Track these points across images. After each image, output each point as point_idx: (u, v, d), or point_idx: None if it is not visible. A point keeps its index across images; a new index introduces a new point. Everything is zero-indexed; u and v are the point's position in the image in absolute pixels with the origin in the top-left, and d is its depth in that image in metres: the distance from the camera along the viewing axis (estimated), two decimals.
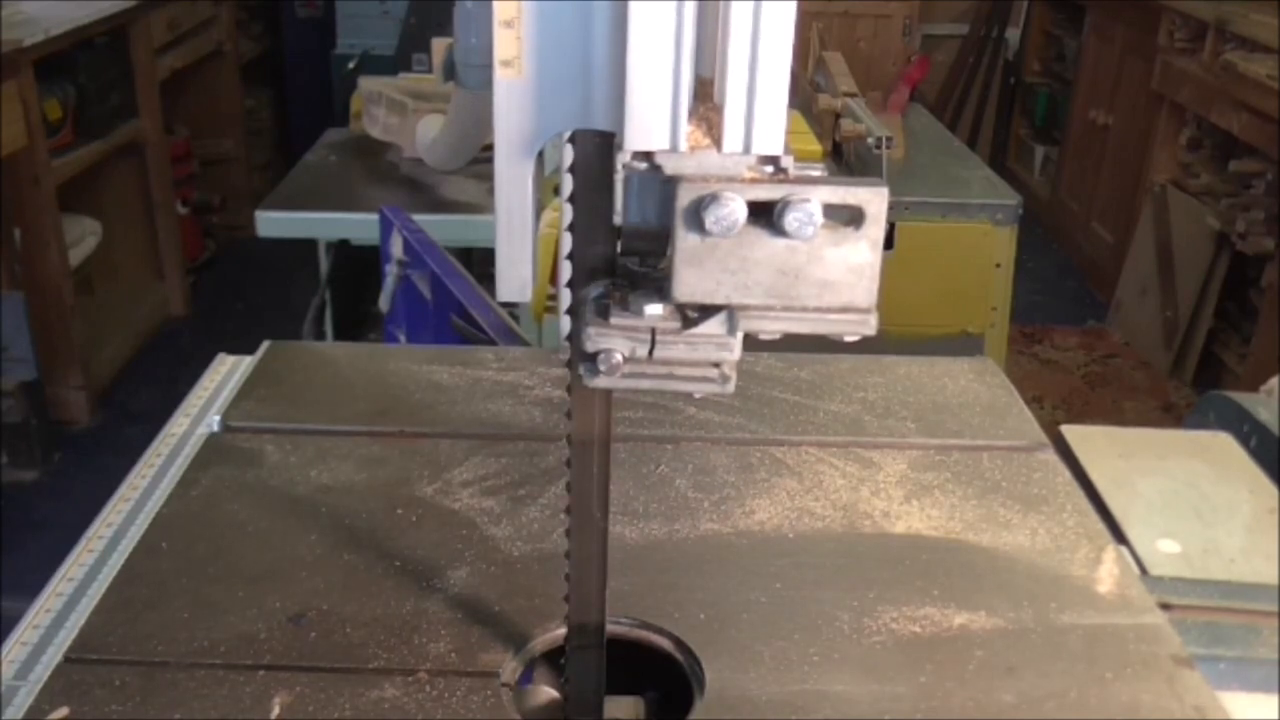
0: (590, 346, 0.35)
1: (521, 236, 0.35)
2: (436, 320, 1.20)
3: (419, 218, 1.20)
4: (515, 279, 0.36)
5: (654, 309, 0.35)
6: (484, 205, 1.34)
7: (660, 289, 0.35)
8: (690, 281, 0.32)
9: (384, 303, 1.19)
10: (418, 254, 1.14)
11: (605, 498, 0.41)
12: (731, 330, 0.35)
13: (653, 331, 0.35)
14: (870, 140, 1.29)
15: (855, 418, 0.65)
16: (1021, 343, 2.03)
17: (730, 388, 0.36)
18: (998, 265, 1.31)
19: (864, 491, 0.54)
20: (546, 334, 1.25)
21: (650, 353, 0.36)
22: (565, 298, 0.36)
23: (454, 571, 0.45)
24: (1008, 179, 1.45)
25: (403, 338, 1.21)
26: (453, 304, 1.09)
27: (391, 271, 1.20)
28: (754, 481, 0.57)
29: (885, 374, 0.71)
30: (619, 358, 0.36)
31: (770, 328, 0.34)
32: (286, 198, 1.30)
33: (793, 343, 0.44)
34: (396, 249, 1.18)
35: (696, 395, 0.44)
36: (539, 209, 0.35)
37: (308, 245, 1.39)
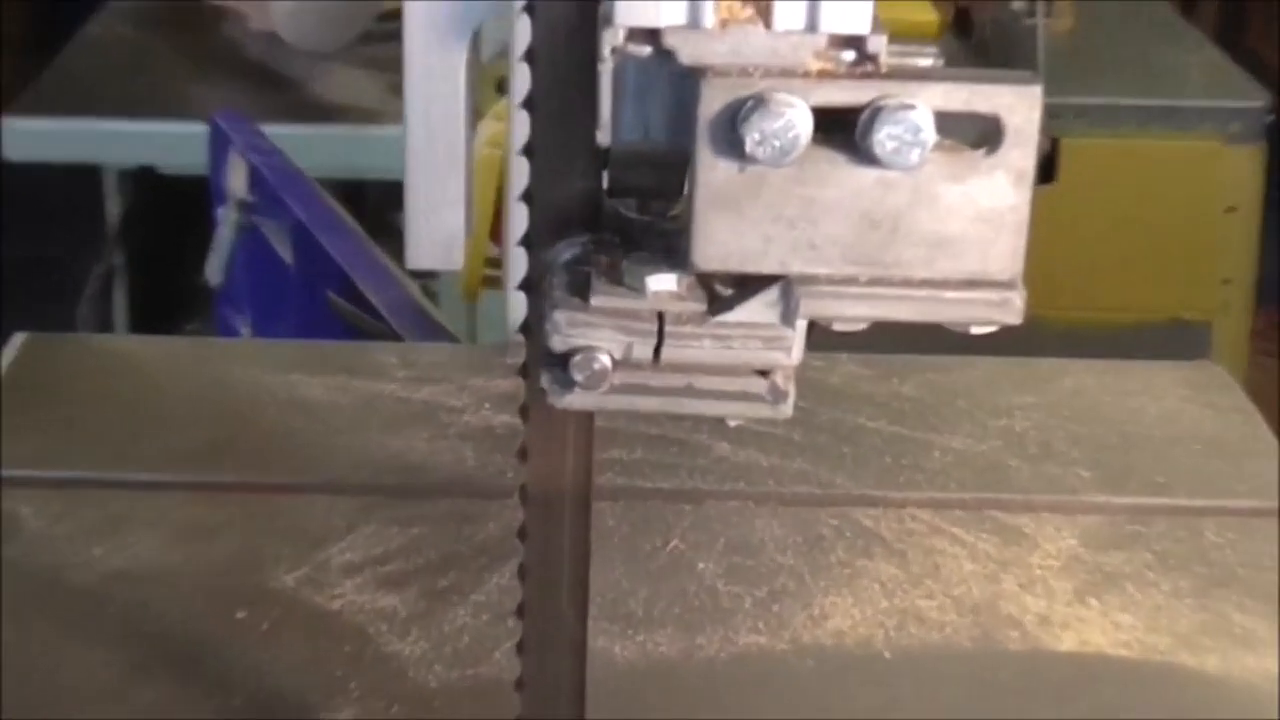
0: (560, 343, 0.36)
1: (447, 165, 0.36)
2: (303, 299, 1.21)
3: (274, 131, 1.20)
4: (435, 233, 0.37)
5: (663, 282, 0.36)
6: (382, 111, 1.33)
7: (672, 250, 0.36)
8: (721, 238, 0.34)
9: (214, 270, 1.20)
10: (272, 191, 1.13)
11: (584, 592, 0.41)
12: (788, 318, 0.36)
13: (660, 319, 0.36)
14: (1017, 4, 1.24)
15: (993, 461, 0.66)
16: (1273, 337, 1.88)
17: (786, 410, 0.37)
18: (1231, 209, 1.21)
19: (1008, 583, 0.55)
20: (485, 323, 1.27)
21: (657, 354, 0.36)
22: (518, 264, 0.37)
23: (332, 716, 0.46)
24: (1250, 66, 1.33)
25: (246, 329, 1.22)
26: (330, 273, 1.10)
27: (227, 219, 1.20)
28: (826, 566, 0.58)
29: (1042, 389, 0.71)
30: (605, 361, 0.36)
31: (851, 312, 0.35)
32: (52, 98, 1.25)
33: (888, 338, 0.45)
34: (236, 182, 1.18)
35: (732, 423, 0.44)
36: (474, 118, 0.35)
37: (87, 176, 1.35)
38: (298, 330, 1.21)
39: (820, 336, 0.40)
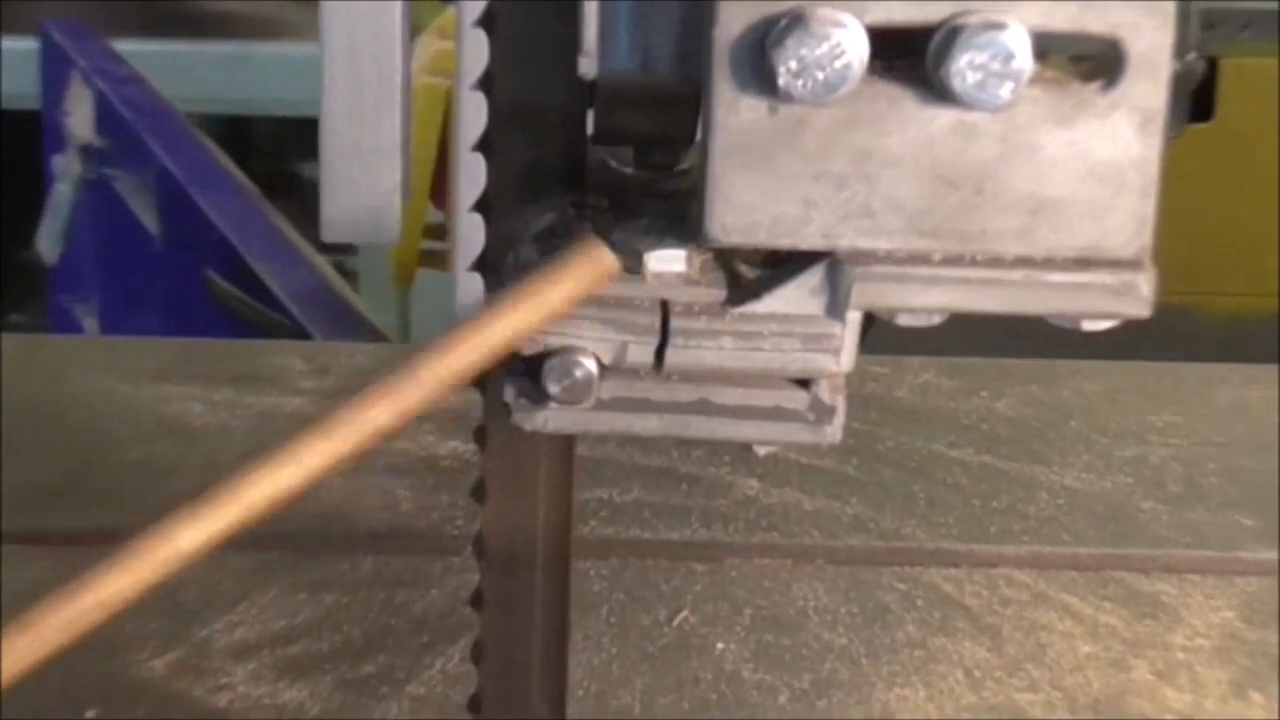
0: (529, 343, 0.37)
1: (376, 99, 0.37)
2: (172, 280, 1.21)
3: (131, 49, 1.23)
4: (359, 194, 0.38)
5: (667, 261, 0.37)
6: (282, 22, 1.37)
7: (679, 217, 0.37)
8: (745, 202, 0.35)
9: (48, 242, 1.21)
10: (128, 132, 1.16)
11: (560, 681, 0.42)
12: (836, 308, 0.37)
13: (664, 310, 0.37)
14: None
15: (1119, 504, 0.67)
16: None
17: (834, 433, 0.39)
18: None
19: (1140, 670, 0.56)
20: (423, 314, 1.27)
21: (660, 357, 0.38)
22: (469, 235, 0.38)
23: None
24: None
25: (92, 321, 1.22)
26: (208, 245, 1.11)
27: (67, 172, 1.20)
28: (890, 647, 0.58)
29: (1186, 405, 0.73)
30: (590, 368, 0.37)
31: (920, 302, 0.36)
32: None
33: (972, 337, 0.46)
34: (78, 120, 1.19)
35: (761, 452, 0.44)
36: (409, 35, 0.37)
37: None
38: (166, 323, 1.22)
39: (881, 334, 0.41)
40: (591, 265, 0.36)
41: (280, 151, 1.53)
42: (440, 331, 0.36)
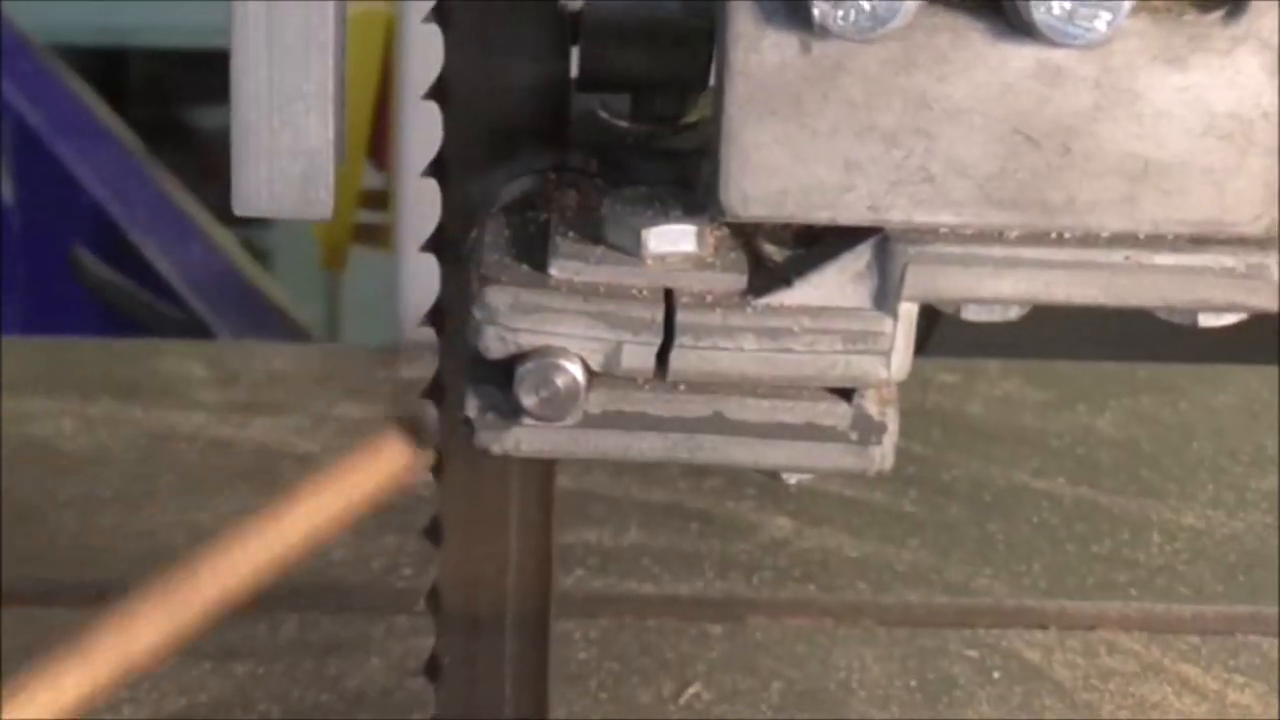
0: (497, 344, 0.38)
1: (301, 31, 0.37)
2: (32, 258, 1.20)
3: None
4: (279, 157, 0.38)
5: (672, 238, 0.38)
6: None
7: (687, 184, 0.38)
8: (770, 164, 0.36)
9: None
10: None
11: None
12: (886, 299, 0.37)
13: (668, 301, 0.38)
14: None
15: (1253, 549, 0.67)
16: None
17: (885, 457, 0.39)
18: None
19: None
20: (356, 305, 1.27)
21: (663, 360, 0.38)
22: (418, 206, 0.39)
23: None
24: None
25: None
26: (77, 213, 1.11)
27: None
28: None
29: None
30: (575, 375, 0.38)
31: (994, 290, 0.37)
32: None
33: (1063, 335, 0.46)
34: None
35: (792, 481, 0.43)
36: None
37: None
38: (26, 317, 1.21)
39: (948, 333, 0.42)
40: (383, 462, 0.37)
41: (166, 92, 1.52)
42: (379, 326, 0.37)
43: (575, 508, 0.65)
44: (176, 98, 1.55)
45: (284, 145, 0.37)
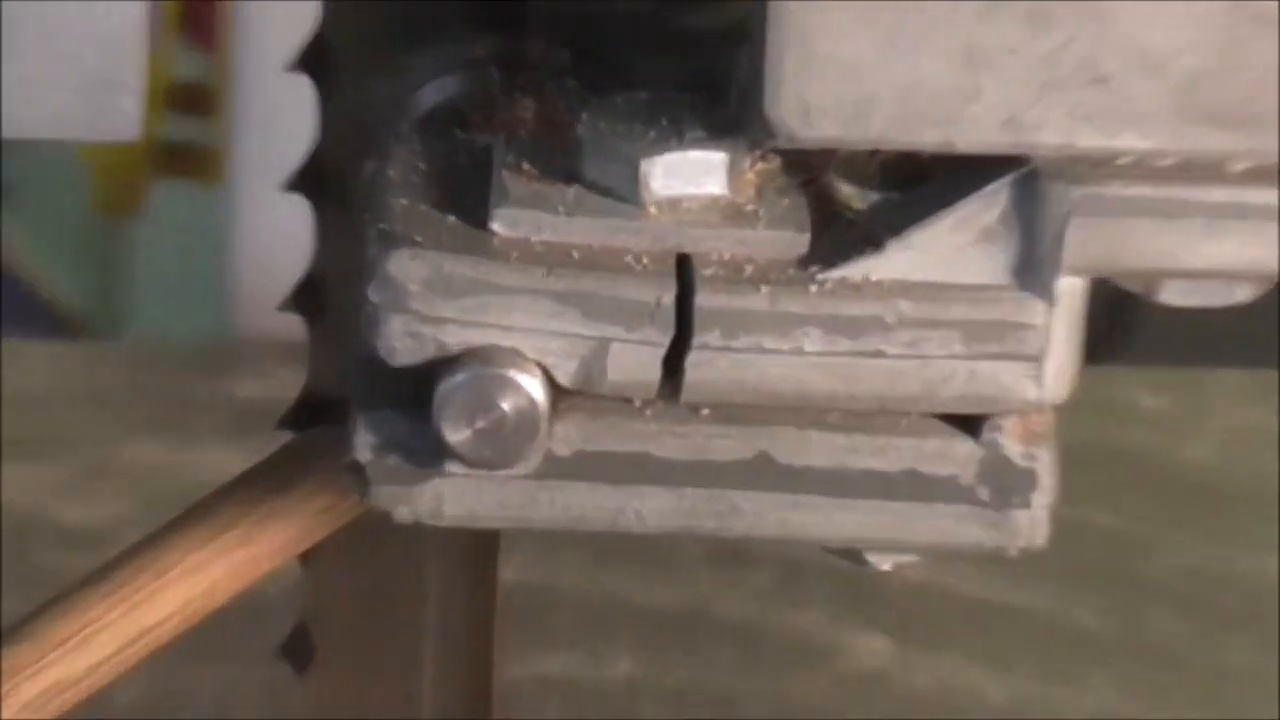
0: (404, 344, 0.38)
1: None
2: None
3: None
4: (50, 42, 0.38)
5: (688, 171, 0.38)
6: None
7: (710, 85, 0.38)
8: (846, 52, 0.35)
9: None
10: None
11: None
12: (1035, 269, 0.37)
13: (681, 271, 0.38)
14: None
15: None
16: None
17: (1033, 529, 0.39)
18: None
19: None
20: (155, 278, 1.28)
21: (673, 370, 0.38)
22: (257, 115, 0.37)
23: None
24: None
25: None
26: None
27: None
28: None
29: None
30: (534, 391, 0.38)
31: (1211, 258, 0.37)
32: None
33: None
34: None
35: (885, 567, 0.43)
36: None
37: None
38: None
39: (1142, 329, 0.40)
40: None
41: None
42: (195, 310, 0.37)
43: (532, 617, 0.64)
44: None
45: (62, 24, 0.37)
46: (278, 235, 0.36)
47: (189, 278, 1.06)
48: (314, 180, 0.38)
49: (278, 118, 0.35)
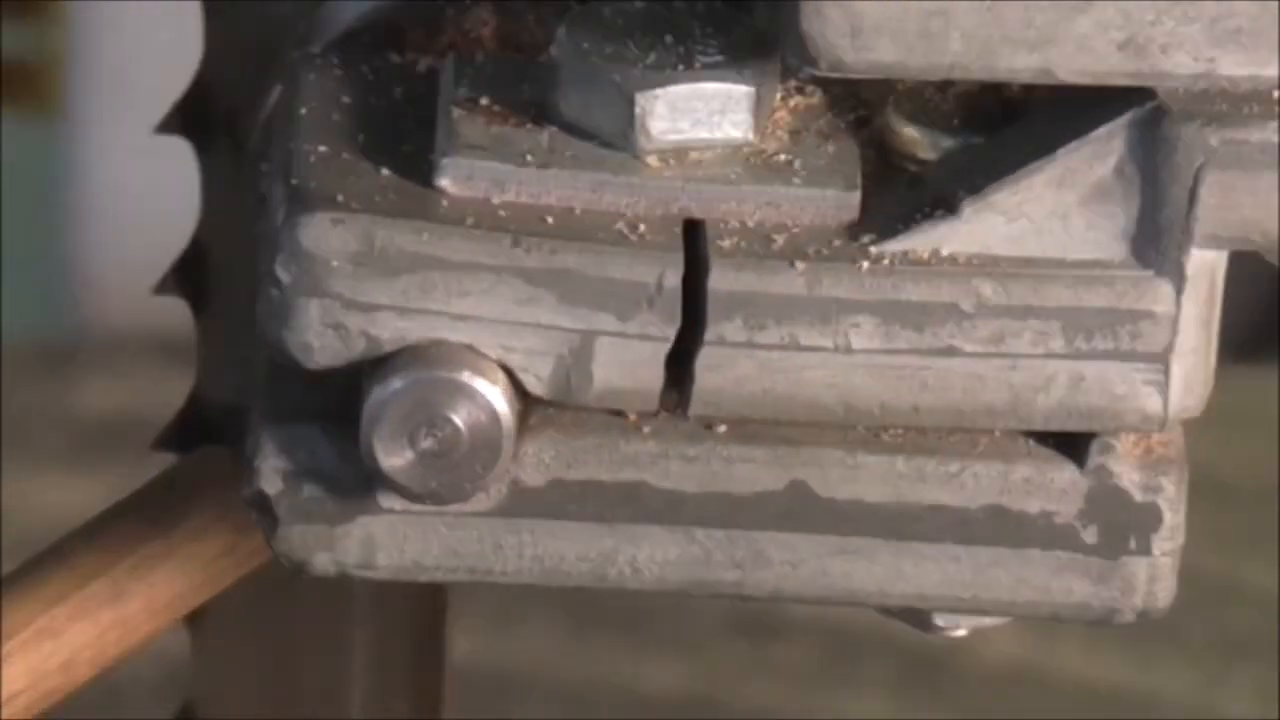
0: (325, 343, 0.36)
1: None
2: None
3: None
4: None
5: (702, 110, 0.35)
6: None
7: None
8: None
9: None
10: None
11: None
12: (1155, 242, 0.35)
13: (689, 243, 0.36)
14: None
15: None
16: None
17: (1152, 587, 0.37)
18: None
19: None
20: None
21: (679, 372, 0.35)
22: (105, 24, 0.35)
23: None
24: None
25: None
26: None
27: None
28: None
29: None
30: (495, 402, 0.35)
31: None
32: None
33: None
34: None
35: (957, 633, 0.42)
36: None
37: None
38: None
39: None
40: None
41: None
42: (39, 302, 0.35)
43: (492, 705, 0.61)
44: None
45: None
46: (142, 191, 0.32)
47: (18, 249, 1.03)
48: (197, 118, 0.36)
49: (136, 24, 0.30)
